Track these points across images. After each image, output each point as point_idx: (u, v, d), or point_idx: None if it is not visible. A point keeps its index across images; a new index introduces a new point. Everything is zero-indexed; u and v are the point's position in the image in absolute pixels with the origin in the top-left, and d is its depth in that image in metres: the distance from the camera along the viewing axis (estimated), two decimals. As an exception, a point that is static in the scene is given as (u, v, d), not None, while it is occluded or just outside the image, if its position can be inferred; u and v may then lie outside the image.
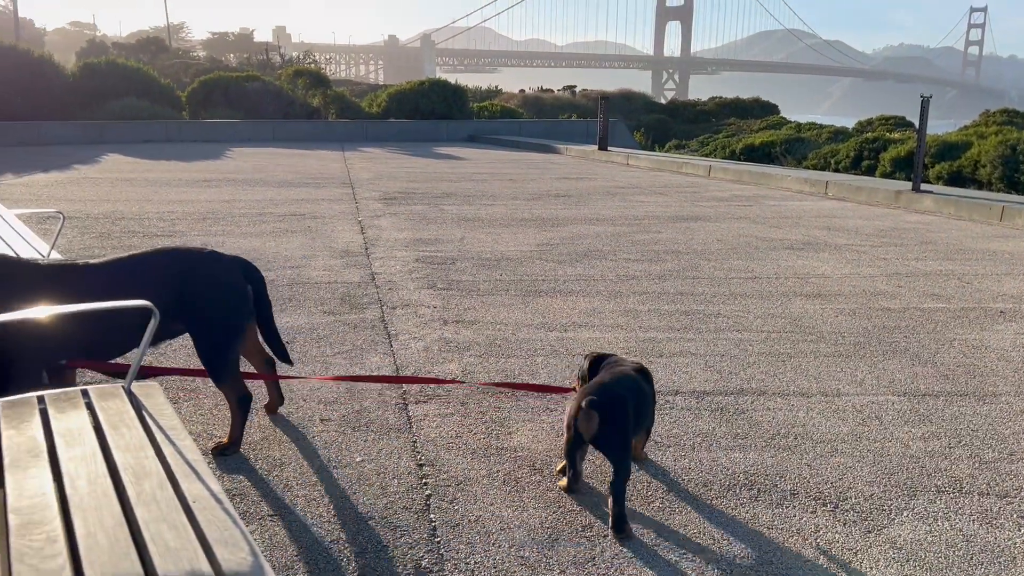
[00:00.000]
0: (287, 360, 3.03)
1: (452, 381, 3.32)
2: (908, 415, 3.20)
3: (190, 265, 2.65)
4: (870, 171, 16.06)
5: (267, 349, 2.98)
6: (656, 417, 3.11)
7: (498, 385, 3.35)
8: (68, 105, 20.04)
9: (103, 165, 13.26)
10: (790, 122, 29.11)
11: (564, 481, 2.55)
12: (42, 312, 2.07)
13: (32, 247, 3.45)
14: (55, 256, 3.32)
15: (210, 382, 3.35)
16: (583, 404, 2.34)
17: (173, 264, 2.64)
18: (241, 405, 2.75)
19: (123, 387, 1.82)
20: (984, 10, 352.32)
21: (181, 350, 3.80)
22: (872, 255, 6.44)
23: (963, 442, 2.95)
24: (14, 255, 2.70)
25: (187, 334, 2.71)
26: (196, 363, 3.32)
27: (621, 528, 2.28)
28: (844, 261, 6.19)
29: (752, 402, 3.31)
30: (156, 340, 2.74)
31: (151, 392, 1.81)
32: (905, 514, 2.44)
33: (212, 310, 2.64)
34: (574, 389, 2.83)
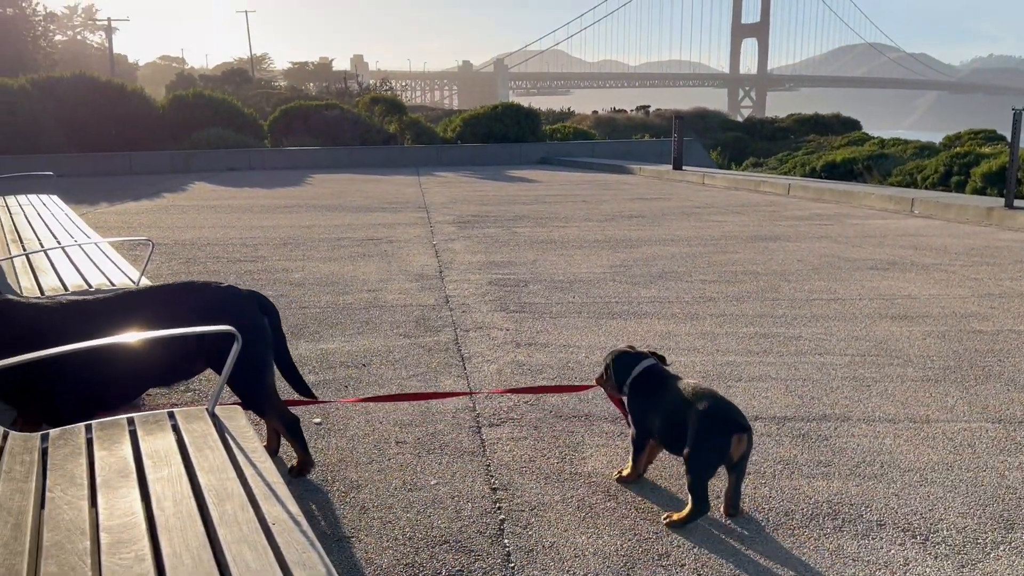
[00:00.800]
0: (307, 393, 2.99)
1: (462, 393, 3.25)
2: (1003, 443, 3.04)
3: (208, 301, 2.67)
4: (959, 187, 15.44)
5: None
6: (734, 443, 3.04)
7: (515, 391, 3.32)
8: (158, 135, 21.01)
9: (189, 193, 13.83)
10: (873, 138, 28.30)
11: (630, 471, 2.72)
12: (128, 338, 2.15)
13: (124, 273, 3.61)
14: (145, 281, 3.46)
15: (291, 406, 3.44)
16: (736, 432, 2.37)
17: (192, 299, 2.66)
18: (291, 430, 2.77)
19: (207, 410, 1.88)
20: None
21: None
22: (962, 275, 6.17)
23: (1066, 474, 2.79)
24: (18, 297, 2.72)
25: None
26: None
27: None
28: (932, 281, 5.95)
29: (835, 428, 3.20)
30: (170, 379, 2.75)
31: (233, 415, 1.87)
32: (1002, 548, 2.31)
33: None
34: (592, 386, 3.11)
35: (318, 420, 3.30)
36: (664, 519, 2.49)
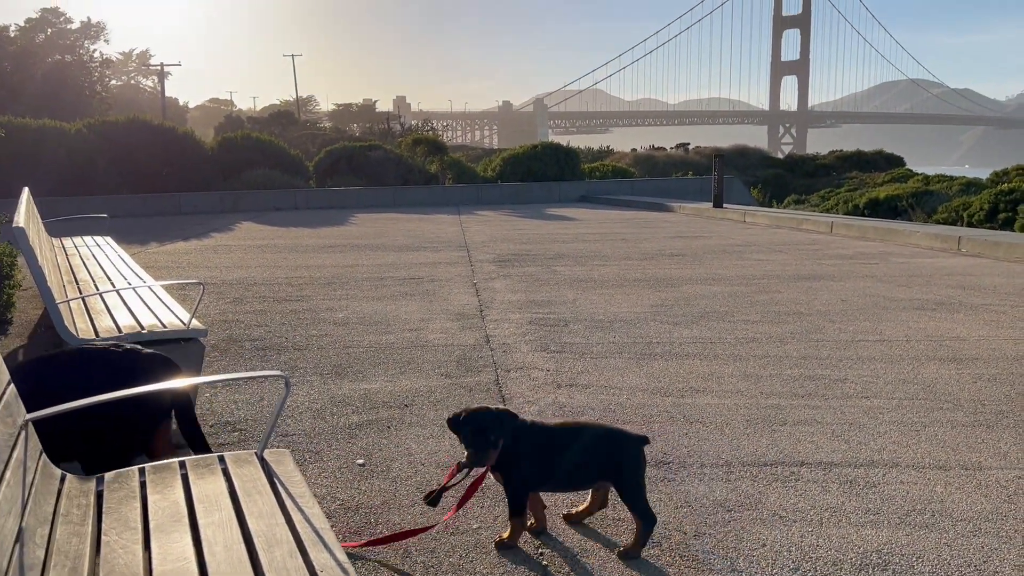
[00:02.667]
0: (203, 448, 2.72)
1: (420, 531, 2.66)
2: (1062, 493, 2.95)
3: (113, 365, 2.65)
4: (1007, 224, 15.12)
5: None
6: (781, 490, 3.00)
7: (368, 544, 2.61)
8: (208, 176, 21.59)
9: (237, 233, 14.14)
10: (917, 174, 27.89)
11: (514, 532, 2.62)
12: (187, 382, 2.20)
13: (174, 314, 3.71)
14: (195, 323, 3.55)
15: (334, 445, 3.48)
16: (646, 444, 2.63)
17: (102, 366, 2.64)
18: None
19: (256, 454, 1.92)
20: None
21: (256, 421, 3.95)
22: (1013, 316, 6.03)
23: None
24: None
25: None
26: (315, 440, 3.46)
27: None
28: (982, 322, 5.82)
29: (884, 475, 3.14)
30: (77, 450, 2.51)
31: (281, 459, 1.90)
32: (1063, 605, 2.23)
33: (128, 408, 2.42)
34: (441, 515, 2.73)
35: (361, 461, 3.33)
36: (619, 554, 2.54)
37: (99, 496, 1.73)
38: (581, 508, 2.78)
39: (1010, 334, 5.45)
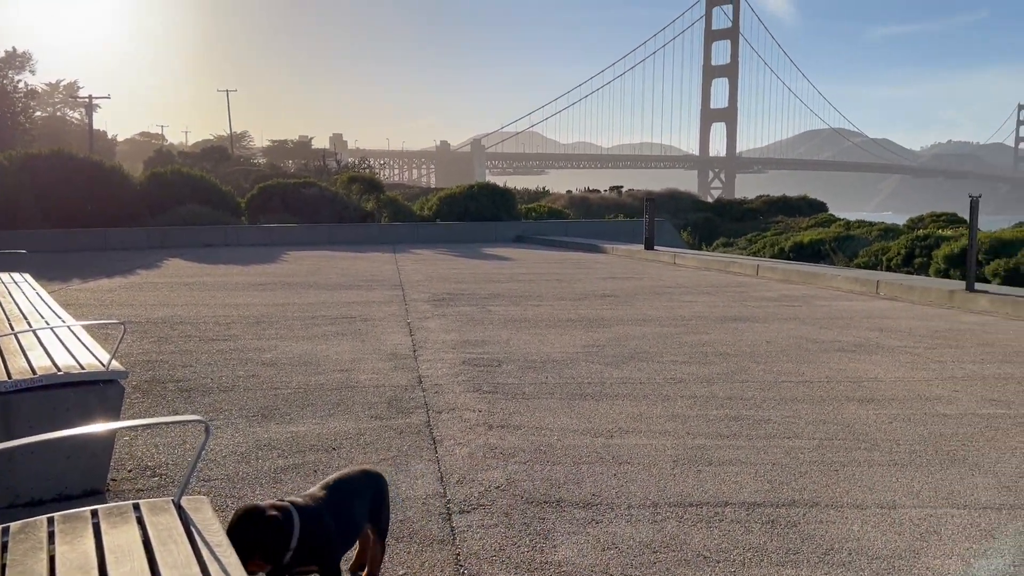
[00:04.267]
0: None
1: None
2: (969, 530, 3.07)
3: None
4: (923, 268, 15.84)
5: None
6: (705, 531, 3.05)
7: None
8: (135, 212, 21.05)
9: (164, 269, 13.80)
10: (839, 219, 29.04)
11: None
12: (93, 429, 2.13)
13: (94, 355, 3.60)
14: (115, 365, 3.44)
15: (258, 490, 3.40)
16: None
17: None
18: None
19: (173, 501, 1.87)
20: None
21: (221, 464, 3.86)
22: (927, 357, 6.29)
23: (1030, 561, 2.81)
24: None
25: None
26: (241, 484, 3.39)
27: None
28: (898, 364, 6.06)
29: (804, 514, 3.22)
30: None
31: (199, 506, 1.86)
32: (970, 640, 2.32)
33: None
34: None
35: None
36: None
37: (3, 548, 1.66)
38: (363, 560, 2.63)
39: (924, 375, 5.68)
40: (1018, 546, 2.92)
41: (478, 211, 24.80)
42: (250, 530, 2.02)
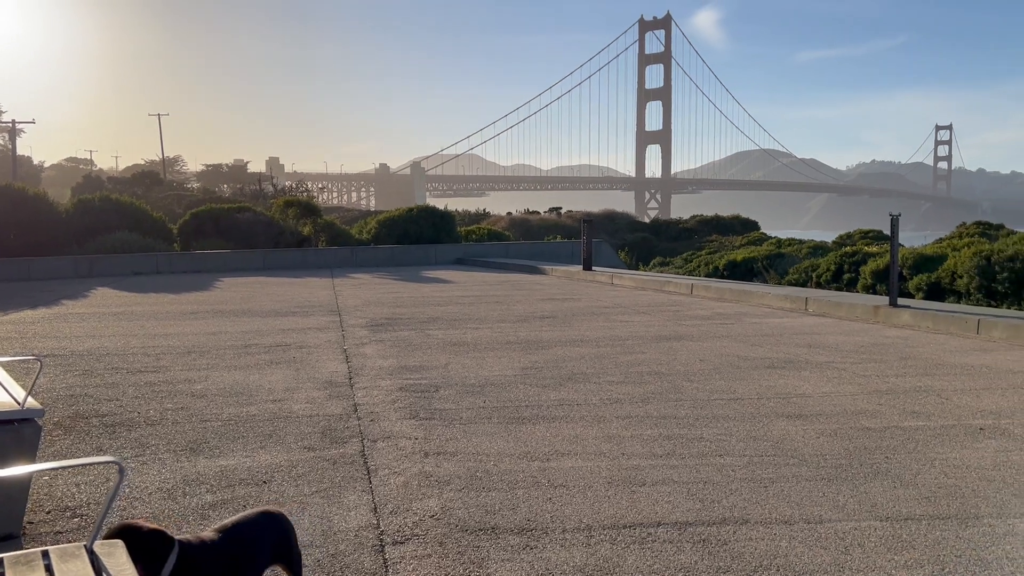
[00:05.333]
0: None
1: None
2: (891, 541, 3.16)
3: None
4: (851, 284, 16.33)
5: None
6: (638, 552, 3.07)
7: None
8: (62, 240, 20.38)
9: (91, 299, 13.37)
10: (771, 237, 29.82)
11: None
12: (16, 471, 2.05)
13: (8, 392, 3.45)
14: (31, 402, 3.31)
15: (184, 528, 3.30)
16: None
17: None
18: None
19: (85, 546, 1.81)
20: (949, 127, 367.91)
21: (143, 500, 3.74)
22: (853, 372, 6.48)
23: (946, 570, 2.91)
24: None
25: None
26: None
27: None
28: (825, 379, 6.23)
29: (735, 532, 3.27)
30: None
31: (113, 551, 1.80)
32: (891, 650, 2.38)
33: None
34: None
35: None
36: None
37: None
38: None
39: (849, 390, 5.85)
40: (936, 556, 3.02)
41: (418, 234, 24.71)
42: (127, 540, 1.93)
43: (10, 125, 59.19)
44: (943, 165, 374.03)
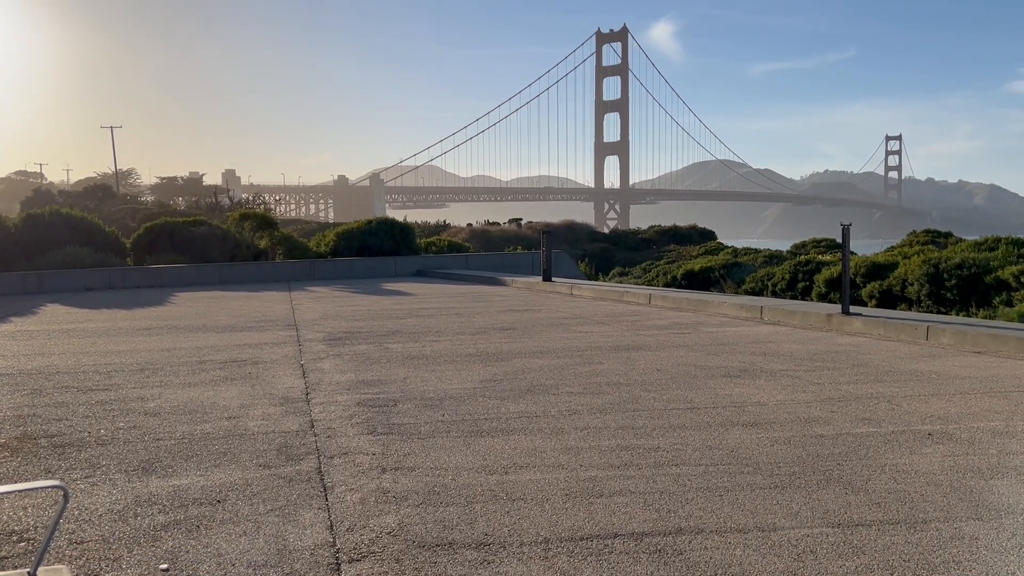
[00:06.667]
0: None
1: None
2: (842, 547, 3.22)
3: None
4: (806, 292, 16.63)
5: None
6: (595, 564, 3.08)
7: None
8: (10, 255, 19.88)
9: (41, 316, 13.05)
10: (727, 247, 30.24)
11: None
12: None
13: (-49, 415, 3.37)
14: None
15: (136, 550, 3.24)
16: None
17: None
18: None
19: (28, 573, 1.76)
20: (899, 138, 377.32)
21: (88, 523, 3.66)
22: (806, 380, 6.60)
23: (896, 574, 2.97)
24: None
25: None
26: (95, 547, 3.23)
27: None
28: (779, 387, 6.32)
29: (690, 541, 3.30)
30: None
31: (56, 577, 1.76)
32: (841, 655, 2.42)
33: None
34: None
35: (164, 566, 3.11)
36: None
37: None
38: None
39: (803, 397, 5.95)
40: (886, 561, 3.08)
41: (377, 246, 24.59)
42: None
43: (-45, 137, 57.69)
44: (894, 175, 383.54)
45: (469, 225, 50.90)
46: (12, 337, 10.24)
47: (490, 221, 51.95)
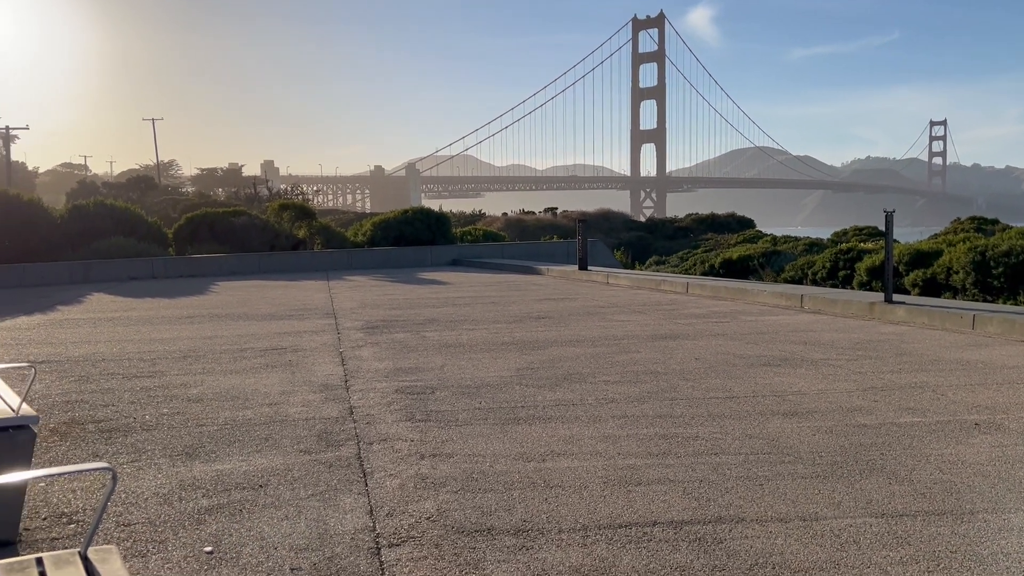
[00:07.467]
0: None
1: None
2: (886, 538, 3.17)
3: None
4: (847, 281, 16.36)
5: None
6: (634, 552, 3.08)
7: None
8: (56, 246, 20.32)
9: (86, 305, 13.35)
10: (766, 235, 29.87)
11: None
12: (9, 479, 2.04)
13: (3, 400, 3.45)
14: (26, 408, 3.31)
15: (180, 533, 3.30)
16: None
17: None
18: None
19: (79, 553, 1.81)
20: (944, 123, 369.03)
21: (137, 506, 3.74)
22: (848, 369, 6.50)
23: (942, 565, 2.92)
24: None
25: None
26: (144, 528, 3.30)
27: None
28: (821, 376, 6.24)
29: (730, 530, 3.28)
30: None
31: (108, 557, 1.80)
32: (886, 647, 2.38)
33: None
34: None
35: (209, 549, 3.17)
36: None
37: None
38: None
39: (845, 387, 5.86)
40: (932, 552, 3.03)
41: (413, 236, 24.70)
42: None
43: (4, 131, 59.10)
44: (938, 161, 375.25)
45: (504, 214, 50.93)
46: (59, 325, 10.49)
47: (525, 210, 51.91)
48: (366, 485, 3.91)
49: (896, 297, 10.07)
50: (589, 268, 17.53)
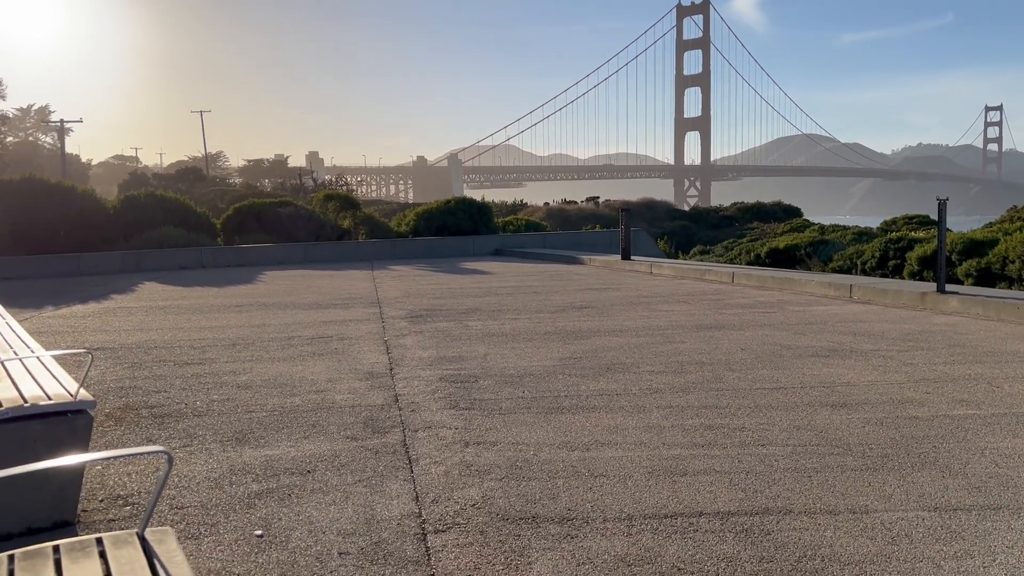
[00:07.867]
0: None
1: None
2: (939, 532, 3.10)
3: None
4: (897, 271, 16.01)
5: None
6: (680, 542, 3.06)
7: None
8: (109, 236, 20.85)
9: (138, 293, 13.67)
10: (813, 224, 29.34)
11: None
12: (51, 464, 2.09)
13: (62, 385, 3.56)
14: (83, 393, 3.41)
15: (231, 516, 3.37)
16: None
17: None
18: None
19: (136, 533, 1.86)
20: (999, 108, 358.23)
21: (190, 491, 3.83)
22: (899, 360, 6.36)
23: (998, 561, 2.85)
24: None
25: None
26: (197, 508, 3.36)
27: None
28: (870, 368, 6.12)
29: (778, 522, 3.24)
30: None
31: (164, 538, 1.84)
32: (940, 642, 2.34)
33: None
34: None
35: (259, 532, 3.23)
36: None
37: (-38, 587, 1.64)
38: None
39: (895, 378, 5.74)
40: (987, 547, 2.96)
41: (456, 226, 24.80)
42: None
43: (59, 125, 60.70)
44: (993, 147, 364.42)
45: (546, 204, 50.82)
46: (113, 313, 10.76)
47: (567, 200, 51.71)
48: (412, 472, 3.95)
49: (949, 287, 9.82)
50: (632, 257, 17.41)
